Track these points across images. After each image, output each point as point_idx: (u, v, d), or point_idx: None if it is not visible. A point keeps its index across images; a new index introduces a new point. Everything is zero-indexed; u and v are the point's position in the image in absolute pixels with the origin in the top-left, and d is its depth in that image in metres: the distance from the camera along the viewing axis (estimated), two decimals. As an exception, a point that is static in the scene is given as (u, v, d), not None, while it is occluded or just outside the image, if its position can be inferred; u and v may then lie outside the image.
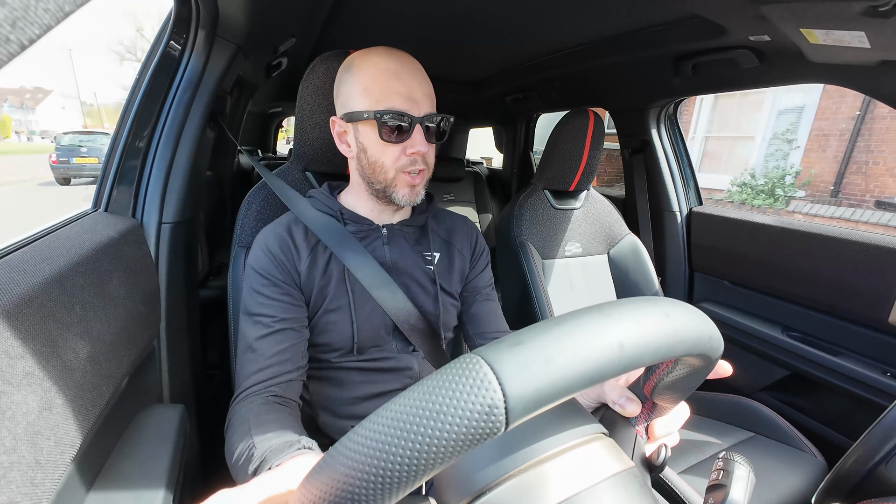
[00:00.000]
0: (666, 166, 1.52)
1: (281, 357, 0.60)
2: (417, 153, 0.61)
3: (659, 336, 0.22)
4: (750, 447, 1.00)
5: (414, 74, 0.62)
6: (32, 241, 0.54)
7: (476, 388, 0.18)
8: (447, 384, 0.19)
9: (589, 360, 0.20)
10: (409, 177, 0.63)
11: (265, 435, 0.49)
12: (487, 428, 0.18)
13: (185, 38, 0.81)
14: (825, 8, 0.67)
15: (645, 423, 0.37)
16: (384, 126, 0.60)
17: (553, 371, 0.19)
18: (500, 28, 1.14)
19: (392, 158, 0.62)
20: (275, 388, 0.59)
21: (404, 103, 0.60)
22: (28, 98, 41.43)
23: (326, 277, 0.66)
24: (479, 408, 0.18)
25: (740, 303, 1.34)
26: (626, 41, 1.12)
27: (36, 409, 0.41)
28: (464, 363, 0.20)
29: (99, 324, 0.54)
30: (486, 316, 0.76)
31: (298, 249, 0.66)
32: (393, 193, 0.65)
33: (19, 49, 0.13)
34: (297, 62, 1.44)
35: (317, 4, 0.97)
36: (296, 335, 0.63)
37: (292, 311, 0.63)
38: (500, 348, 0.20)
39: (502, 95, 1.99)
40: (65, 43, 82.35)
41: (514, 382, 0.19)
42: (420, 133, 0.61)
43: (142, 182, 0.78)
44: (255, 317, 0.62)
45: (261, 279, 0.63)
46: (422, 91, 0.62)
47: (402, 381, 0.70)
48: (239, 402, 0.58)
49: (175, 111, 0.80)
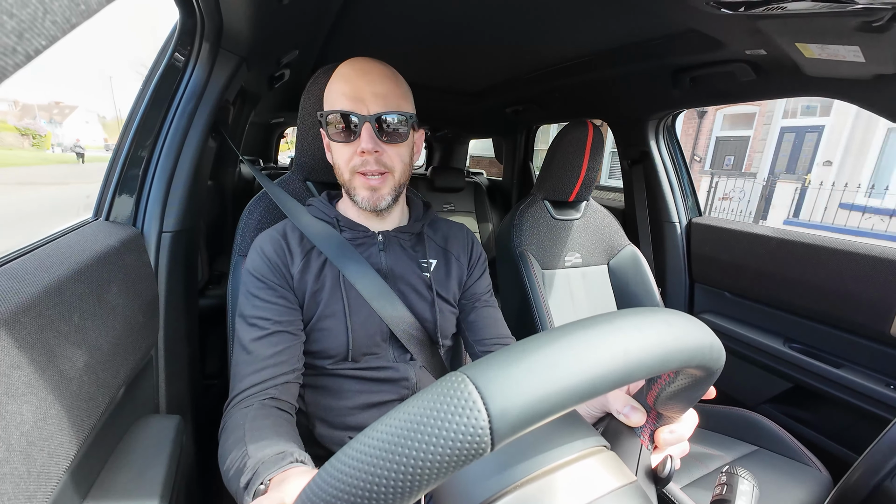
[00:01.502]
0: (665, 177, 1.53)
1: (277, 359, 0.60)
2: (365, 152, 0.61)
3: (653, 349, 0.22)
4: (753, 461, 0.98)
5: (365, 75, 0.62)
6: (32, 250, 0.54)
7: (460, 409, 0.18)
8: (431, 405, 0.19)
9: (579, 376, 0.20)
10: (364, 178, 0.63)
11: (259, 444, 0.49)
12: (472, 450, 0.18)
13: (189, 49, 0.83)
14: (820, 23, 0.68)
15: (650, 433, 0.36)
16: (329, 126, 0.62)
17: (541, 389, 0.19)
18: (499, 40, 1.16)
19: (344, 159, 0.63)
20: (271, 391, 0.58)
21: (349, 103, 0.61)
22: (56, 113, 45.63)
23: (319, 283, 0.66)
24: (462, 429, 0.18)
25: (741, 314, 1.33)
26: (624, 54, 1.13)
27: (31, 420, 0.40)
28: (448, 383, 0.20)
29: (97, 333, 0.54)
30: (486, 322, 0.76)
31: (292, 253, 0.66)
32: (354, 196, 0.65)
33: (25, 60, 0.14)
34: (300, 73, 1.46)
35: (320, 17, 0.99)
36: (291, 338, 0.62)
37: (287, 314, 0.63)
38: (486, 366, 0.20)
39: (502, 106, 2.01)
40: (98, 66, 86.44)
41: (499, 402, 0.18)
42: (368, 131, 0.61)
43: (143, 191, 0.79)
44: (251, 319, 0.62)
45: (256, 282, 0.64)
46: (371, 90, 0.61)
47: (398, 392, 0.69)
48: (234, 405, 0.57)
49: (178, 121, 0.81)
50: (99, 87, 72.28)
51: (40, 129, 38.98)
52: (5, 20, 0.12)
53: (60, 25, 0.14)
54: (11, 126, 14.44)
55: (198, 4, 0.75)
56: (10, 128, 14.42)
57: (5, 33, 0.13)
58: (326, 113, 0.62)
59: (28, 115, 18.24)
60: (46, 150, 34.30)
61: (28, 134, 37.41)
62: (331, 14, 0.98)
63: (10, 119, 16.25)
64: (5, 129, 14.15)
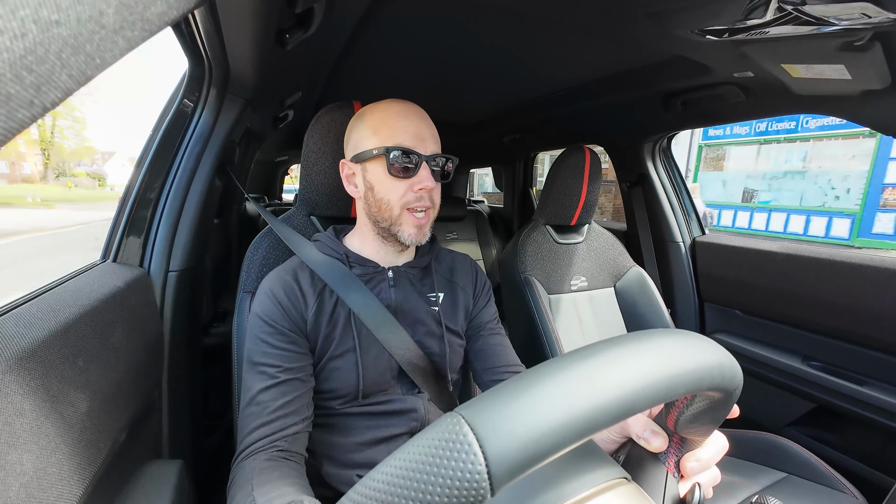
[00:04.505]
0: (665, 197, 1.54)
1: (286, 410, 0.58)
2: (424, 189, 0.63)
3: (660, 374, 0.21)
4: (784, 489, 0.93)
5: (421, 116, 0.66)
6: (41, 294, 0.54)
7: (456, 454, 0.18)
8: (426, 449, 0.18)
9: (582, 409, 0.19)
10: (414, 216, 0.64)
11: (267, 494, 0.47)
12: (471, 496, 0.17)
13: (197, 95, 0.86)
14: (803, 45, 0.71)
15: (676, 459, 0.34)
16: (392, 162, 0.62)
17: (541, 426, 0.18)
18: (495, 75, 1.21)
19: (398, 195, 0.63)
20: (280, 443, 0.56)
21: (412, 141, 0.62)
22: (98, 158, 56.32)
23: (333, 323, 0.65)
24: (459, 474, 0.17)
25: (755, 332, 1.30)
26: (616, 82, 1.17)
27: (31, 471, 0.39)
28: (443, 425, 0.19)
29: (100, 376, 0.53)
30: (493, 350, 0.75)
31: (305, 296, 0.65)
32: (399, 232, 0.65)
33: (42, 112, 0.14)
34: (303, 113, 1.51)
35: (322, 60, 1.04)
36: (301, 385, 0.61)
37: (298, 360, 0.61)
38: (482, 405, 0.19)
39: (500, 136, 2.06)
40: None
41: (496, 444, 0.18)
42: (426, 170, 0.63)
43: (151, 231, 0.80)
44: (260, 366, 0.60)
45: (266, 327, 0.62)
46: (429, 132, 0.65)
47: (407, 425, 0.67)
48: (242, 459, 0.56)
49: (186, 163, 0.83)
50: (128, 134, 78.37)
51: (103, 173, 48.53)
52: (24, 75, 0.13)
53: (76, 78, 0.15)
54: (83, 172, 17.50)
55: (206, 53, 0.79)
56: (82, 173, 17.51)
57: (24, 87, 0.13)
58: (392, 148, 0.61)
59: (87, 159, 21.82)
60: (107, 189, 42.13)
61: (95, 177, 46.10)
62: (333, 56, 1.03)
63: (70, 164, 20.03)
64: (80, 175, 17.20)
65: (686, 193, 1.58)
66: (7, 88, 0.13)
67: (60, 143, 17.14)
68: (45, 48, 0.13)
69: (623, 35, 0.83)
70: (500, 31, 0.88)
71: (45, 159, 16.72)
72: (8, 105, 0.13)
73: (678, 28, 0.74)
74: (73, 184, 11.74)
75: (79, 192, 20.56)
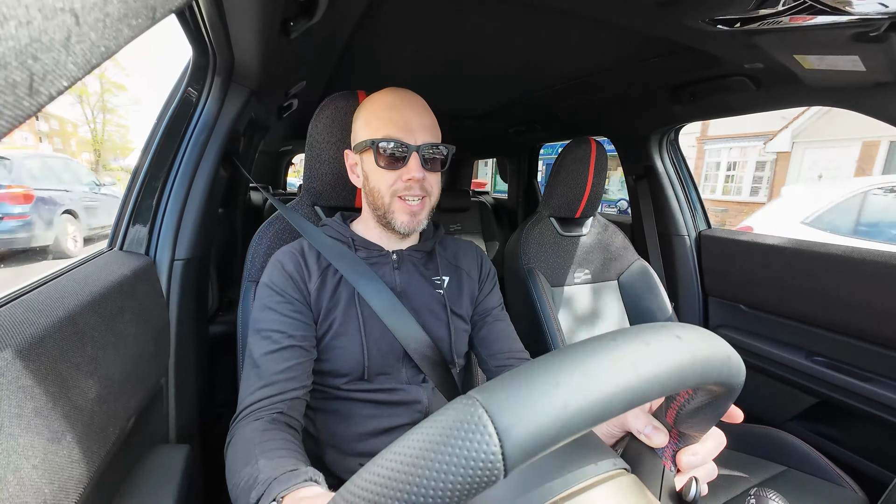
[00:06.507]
0: (671, 190, 1.53)
1: (287, 374, 0.60)
2: (413, 179, 0.64)
3: (669, 365, 0.21)
4: (783, 482, 0.94)
5: (411, 107, 0.65)
6: (49, 281, 0.55)
7: (471, 434, 0.18)
8: (442, 430, 0.19)
9: (593, 397, 0.19)
10: (405, 203, 0.65)
11: (270, 459, 0.48)
12: (485, 476, 0.18)
13: (201, 84, 0.86)
14: (817, 35, 0.69)
15: (673, 454, 0.35)
16: (380, 153, 0.63)
17: (555, 410, 0.19)
18: (502, 65, 1.19)
19: (387, 184, 0.65)
20: (280, 406, 0.58)
21: (399, 132, 0.63)
22: (119, 153, 60.06)
23: (334, 301, 0.66)
24: (474, 454, 0.18)
25: (759, 327, 1.30)
26: (623, 73, 1.15)
27: (42, 453, 0.40)
28: (458, 407, 0.19)
29: (108, 363, 0.54)
30: (498, 336, 0.75)
31: (310, 270, 0.67)
32: (392, 219, 0.66)
33: (47, 100, 0.14)
34: (308, 103, 1.51)
35: (326, 49, 1.03)
36: (303, 353, 0.62)
37: (301, 329, 0.63)
38: (496, 387, 0.20)
39: (505, 128, 2.05)
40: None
41: (511, 426, 0.18)
42: (416, 160, 0.63)
43: (156, 220, 0.80)
44: (264, 332, 0.62)
45: (274, 295, 0.64)
46: (419, 121, 0.65)
47: (410, 416, 0.68)
48: (242, 419, 0.57)
49: (190, 152, 0.83)
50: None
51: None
52: (30, 63, 0.13)
53: (81, 66, 0.15)
54: (118, 166, 19.05)
55: (210, 43, 0.79)
56: (118, 168, 18.99)
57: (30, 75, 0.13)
58: (378, 140, 0.63)
59: (121, 155, 23.28)
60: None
61: (128, 171, 49.41)
62: (337, 45, 1.02)
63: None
64: (117, 168, 18.40)
65: (693, 186, 1.56)
66: (13, 76, 0.13)
67: (110, 143, 20.10)
68: (50, 36, 0.13)
69: (633, 25, 0.81)
70: (508, 20, 0.87)
71: (97, 157, 19.32)
72: (14, 93, 0.13)
73: (689, 18, 0.73)
74: (120, 177, 13.13)
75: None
